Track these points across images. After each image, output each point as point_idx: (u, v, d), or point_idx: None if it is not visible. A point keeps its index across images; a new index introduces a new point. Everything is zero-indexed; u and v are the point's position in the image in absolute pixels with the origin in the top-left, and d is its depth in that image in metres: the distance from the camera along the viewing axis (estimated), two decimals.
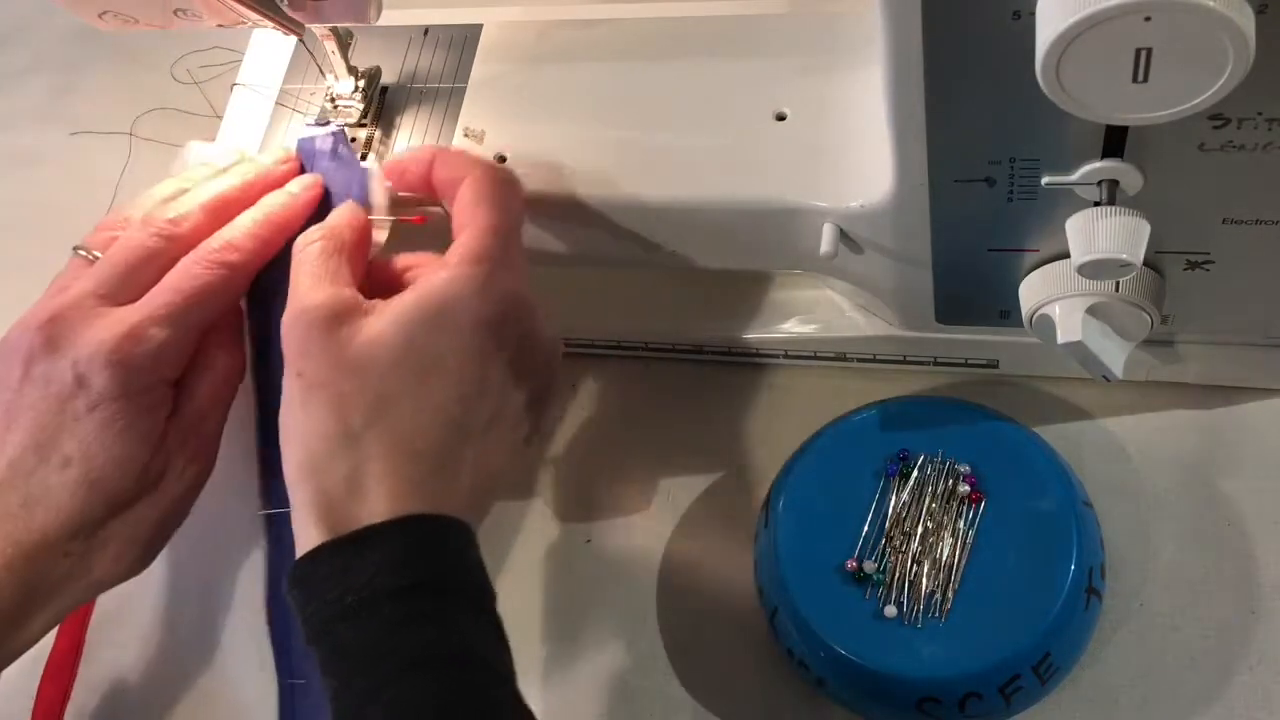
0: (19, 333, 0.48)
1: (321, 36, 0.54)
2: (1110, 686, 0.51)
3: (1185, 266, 0.48)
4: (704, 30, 0.56)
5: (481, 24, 0.58)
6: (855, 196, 0.49)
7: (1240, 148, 0.42)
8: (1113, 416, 0.57)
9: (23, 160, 0.78)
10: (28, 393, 0.47)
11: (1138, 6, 0.34)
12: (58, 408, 0.47)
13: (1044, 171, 0.45)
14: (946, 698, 0.48)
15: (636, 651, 0.55)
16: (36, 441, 0.47)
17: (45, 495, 0.47)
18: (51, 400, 0.47)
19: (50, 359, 0.47)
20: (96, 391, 0.47)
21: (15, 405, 0.47)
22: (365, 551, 0.42)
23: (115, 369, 0.47)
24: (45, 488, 0.47)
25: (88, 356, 0.47)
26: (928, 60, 0.41)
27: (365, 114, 0.56)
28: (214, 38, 0.73)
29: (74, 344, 0.47)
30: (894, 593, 0.50)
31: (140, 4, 0.50)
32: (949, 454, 0.52)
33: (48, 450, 0.47)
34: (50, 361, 0.47)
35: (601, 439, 0.62)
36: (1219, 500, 0.54)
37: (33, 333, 0.47)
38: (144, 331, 0.47)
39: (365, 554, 0.42)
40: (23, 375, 0.47)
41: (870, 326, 0.58)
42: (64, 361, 0.47)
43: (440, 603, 0.42)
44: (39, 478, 0.47)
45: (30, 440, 0.47)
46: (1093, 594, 0.49)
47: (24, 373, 0.47)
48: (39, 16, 0.84)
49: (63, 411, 0.47)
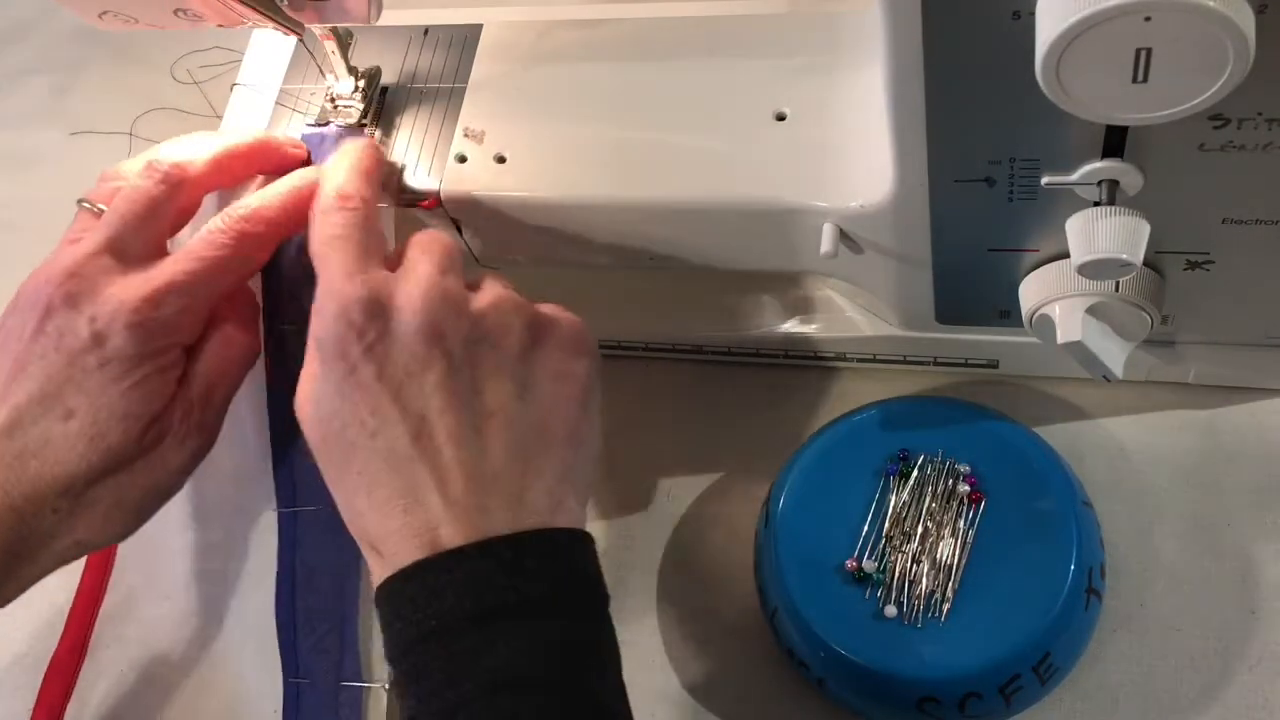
0: (36, 286, 0.49)
1: (321, 37, 0.54)
2: (1110, 686, 0.51)
3: (1185, 266, 0.48)
4: (704, 30, 0.56)
5: (481, 24, 0.58)
6: (855, 196, 0.49)
7: (1240, 148, 0.42)
8: (1113, 416, 0.57)
9: (23, 160, 0.79)
10: (40, 345, 0.48)
11: (1138, 6, 0.34)
12: (68, 361, 0.47)
13: (1044, 171, 0.45)
14: (946, 698, 0.48)
15: (636, 651, 0.55)
16: (44, 392, 0.47)
17: (43, 447, 0.47)
18: (63, 354, 0.47)
19: (68, 314, 0.47)
20: (111, 349, 0.47)
21: (25, 355, 0.48)
22: (451, 571, 0.41)
23: (134, 330, 0.47)
24: (45, 439, 0.47)
25: (108, 315, 0.47)
26: (928, 60, 0.41)
27: (365, 114, 0.56)
28: (214, 38, 0.73)
29: (93, 301, 0.47)
30: (894, 593, 0.50)
31: (140, 4, 0.50)
32: (949, 454, 0.52)
33: (53, 401, 0.47)
34: (68, 317, 0.47)
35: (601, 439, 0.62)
36: (1219, 500, 0.54)
37: (51, 287, 0.48)
38: (164, 296, 0.48)
39: (451, 574, 0.41)
40: (37, 328, 0.48)
41: (870, 326, 0.58)
42: (81, 318, 0.47)
43: (521, 625, 0.41)
44: (41, 428, 0.47)
45: (37, 390, 0.47)
46: (1093, 594, 0.49)
47: (38, 326, 0.48)
48: (39, 16, 0.84)
49: (72, 365, 0.47)
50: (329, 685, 0.52)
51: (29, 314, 0.48)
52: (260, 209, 0.50)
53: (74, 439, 0.47)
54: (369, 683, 0.52)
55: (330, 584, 0.52)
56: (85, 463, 0.47)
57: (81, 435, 0.47)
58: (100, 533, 0.49)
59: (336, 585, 0.52)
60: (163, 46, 0.74)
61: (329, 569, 0.52)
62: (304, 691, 0.52)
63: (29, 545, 0.47)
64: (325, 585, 0.52)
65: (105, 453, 0.47)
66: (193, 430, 0.49)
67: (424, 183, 0.54)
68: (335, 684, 0.52)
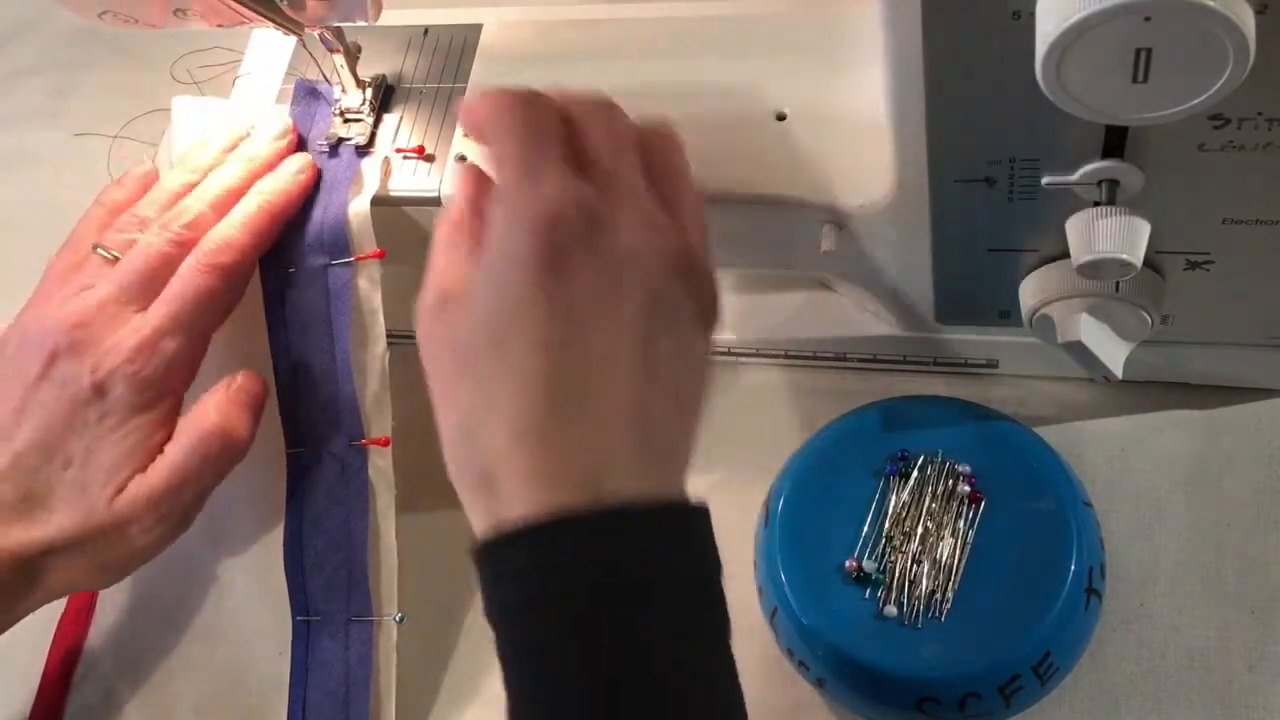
0: (44, 330, 0.49)
1: (330, 51, 0.54)
2: (1110, 686, 0.51)
3: (1185, 266, 0.48)
4: (704, 30, 0.56)
5: (481, 24, 0.58)
6: (855, 196, 0.49)
7: (1240, 148, 0.42)
8: (1113, 416, 0.57)
9: (23, 160, 0.79)
10: (44, 390, 0.49)
11: (1138, 6, 0.34)
12: (70, 410, 0.48)
13: (1044, 171, 0.45)
14: (946, 698, 0.48)
15: None
16: (45, 441, 0.48)
17: (47, 495, 0.48)
18: (65, 402, 0.48)
19: (72, 362, 0.48)
20: (110, 400, 0.48)
21: (29, 401, 0.49)
22: (558, 541, 0.37)
23: (130, 380, 0.48)
24: (48, 487, 0.48)
25: (109, 366, 0.48)
26: (928, 60, 0.41)
27: (376, 126, 0.56)
28: (214, 38, 0.73)
29: (95, 351, 0.48)
30: (894, 593, 0.49)
31: (140, 4, 0.50)
32: (949, 454, 0.52)
33: (53, 450, 0.48)
34: (71, 365, 0.48)
35: None
36: (1219, 500, 0.54)
37: (59, 334, 0.49)
38: (158, 341, 0.49)
39: (558, 543, 0.37)
40: (41, 373, 0.49)
41: (870, 326, 0.58)
42: (84, 368, 0.48)
43: (621, 603, 0.37)
44: (42, 476, 0.48)
45: (39, 438, 0.48)
46: (1093, 594, 0.49)
47: (43, 371, 0.49)
48: (39, 16, 0.84)
49: (74, 415, 0.48)
50: (339, 622, 0.53)
51: (35, 356, 0.49)
52: (231, 237, 0.51)
53: (69, 487, 0.48)
54: (378, 617, 0.52)
55: (338, 525, 0.53)
56: (73, 518, 0.48)
57: (75, 484, 0.48)
58: (89, 582, 0.51)
59: (344, 525, 0.53)
60: (163, 46, 0.74)
61: (337, 508, 0.53)
62: (314, 629, 0.53)
63: (22, 586, 0.49)
64: (333, 526, 0.53)
65: (88, 511, 0.48)
66: (160, 519, 0.49)
67: (424, 183, 0.54)
68: (346, 620, 0.53)
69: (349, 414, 0.52)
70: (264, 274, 0.54)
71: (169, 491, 0.48)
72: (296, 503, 0.53)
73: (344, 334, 0.52)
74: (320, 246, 0.53)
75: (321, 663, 0.53)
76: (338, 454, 0.53)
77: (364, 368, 0.53)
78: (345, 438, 0.52)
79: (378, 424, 0.53)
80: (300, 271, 0.53)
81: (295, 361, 0.53)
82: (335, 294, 0.53)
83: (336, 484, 0.53)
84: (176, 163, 0.55)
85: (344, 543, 0.53)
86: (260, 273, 0.54)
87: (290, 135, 0.55)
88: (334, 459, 0.53)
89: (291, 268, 0.53)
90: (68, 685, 0.58)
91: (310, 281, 0.53)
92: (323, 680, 0.52)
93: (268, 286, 0.54)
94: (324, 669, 0.52)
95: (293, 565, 0.53)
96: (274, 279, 0.54)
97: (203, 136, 0.55)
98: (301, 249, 0.53)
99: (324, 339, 0.53)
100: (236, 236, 0.51)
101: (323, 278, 0.53)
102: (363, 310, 0.53)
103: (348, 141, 0.55)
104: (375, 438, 0.52)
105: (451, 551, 0.45)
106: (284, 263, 0.53)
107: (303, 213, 0.53)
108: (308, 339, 0.53)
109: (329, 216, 0.53)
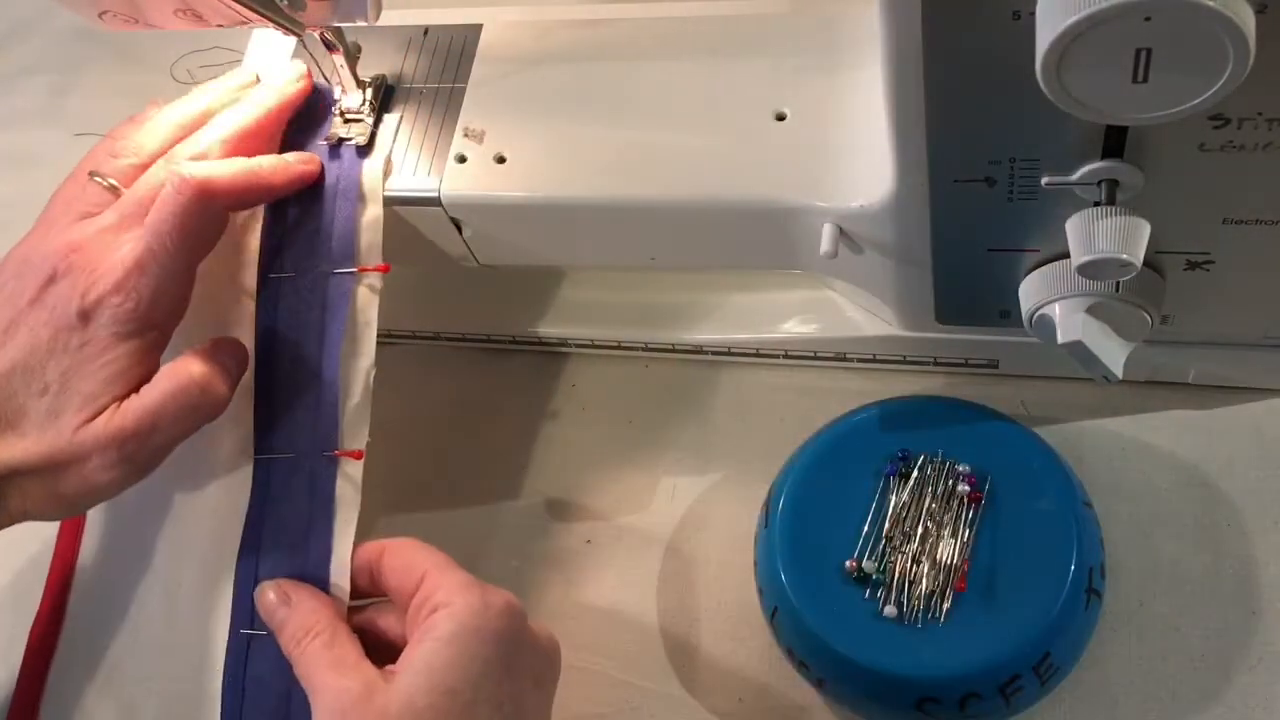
0: (44, 254, 0.49)
1: (330, 51, 0.54)
2: (1110, 686, 0.51)
3: (1185, 266, 0.48)
4: (704, 30, 0.56)
5: (481, 24, 0.58)
6: (855, 196, 0.49)
7: (1240, 148, 0.42)
8: (1113, 416, 0.57)
9: (23, 160, 0.79)
10: (34, 313, 0.49)
11: (1138, 6, 0.34)
12: (53, 335, 0.48)
13: (1044, 171, 0.45)
14: (946, 698, 0.48)
15: (637, 651, 0.55)
16: (27, 364, 0.48)
17: (20, 419, 0.48)
18: (50, 327, 0.48)
19: (65, 286, 0.48)
20: (92, 330, 0.48)
21: (18, 323, 0.49)
22: None
23: (115, 311, 0.48)
24: (21, 412, 0.48)
25: (95, 294, 0.48)
26: (928, 60, 0.41)
27: (376, 126, 0.56)
28: (214, 38, 0.73)
29: (88, 277, 0.48)
30: (894, 593, 0.49)
31: (140, 4, 0.50)
32: (949, 454, 0.52)
33: (32, 375, 0.48)
34: (65, 288, 0.48)
35: (601, 439, 0.62)
36: (1219, 500, 0.54)
37: (57, 258, 0.49)
38: (143, 268, 0.48)
39: None
40: (35, 296, 0.49)
41: (870, 326, 0.58)
42: (75, 292, 0.48)
43: None
44: (19, 400, 0.48)
45: (22, 359, 0.48)
46: (1093, 594, 0.49)
47: (37, 294, 0.49)
48: (39, 16, 0.84)
49: (55, 340, 0.48)
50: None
51: (31, 279, 0.49)
52: (215, 179, 0.50)
53: (43, 414, 0.48)
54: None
55: (295, 539, 0.51)
56: (39, 444, 0.47)
57: (49, 411, 0.48)
58: (42, 511, 0.49)
59: (301, 540, 0.51)
60: (163, 46, 0.74)
61: (298, 520, 0.51)
62: (255, 644, 0.51)
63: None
64: (290, 540, 0.51)
65: (54, 437, 0.47)
66: (122, 459, 0.48)
67: (424, 183, 0.54)
68: None
69: (328, 424, 0.51)
70: (261, 276, 0.53)
71: (138, 433, 0.48)
72: (255, 513, 0.52)
73: (335, 345, 0.51)
74: (325, 253, 0.53)
75: (258, 680, 0.50)
76: (307, 465, 0.51)
77: (349, 380, 0.52)
78: (319, 448, 0.51)
79: (354, 436, 0.51)
80: (300, 277, 0.53)
81: (280, 367, 0.51)
82: (333, 303, 0.52)
83: (301, 495, 0.51)
84: (184, 98, 0.55)
85: (299, 558, 0.51)
86: (258, 275, 0.53)
87: (306, 80, 0.55)
88: (303, 469, 0.51)
89: (291, 272, 0.53)
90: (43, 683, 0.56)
91: (309, 288, 0.53)
92: (261, 698, 0.50)
93: (264, 289, 0.53)
94: (262, 686, 0.50)
95: (242, 576, 0.51)
96: (271, 282, 0.53)
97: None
98: (304, 254, 0.53)
99: (314, 347, 0.52)
100: (220, 180, 0.50)
101: (323, 285, 0.52)
102: (357, 322, 0.52)
103: (348, 142, 0.55)
104: (350, 449, 0.51)
105: None
106: (284, 267, 0.53)
107: (307, 217, 0.53)
108: (297, 346, 0.52)
109: (338, 224, 0.53)
